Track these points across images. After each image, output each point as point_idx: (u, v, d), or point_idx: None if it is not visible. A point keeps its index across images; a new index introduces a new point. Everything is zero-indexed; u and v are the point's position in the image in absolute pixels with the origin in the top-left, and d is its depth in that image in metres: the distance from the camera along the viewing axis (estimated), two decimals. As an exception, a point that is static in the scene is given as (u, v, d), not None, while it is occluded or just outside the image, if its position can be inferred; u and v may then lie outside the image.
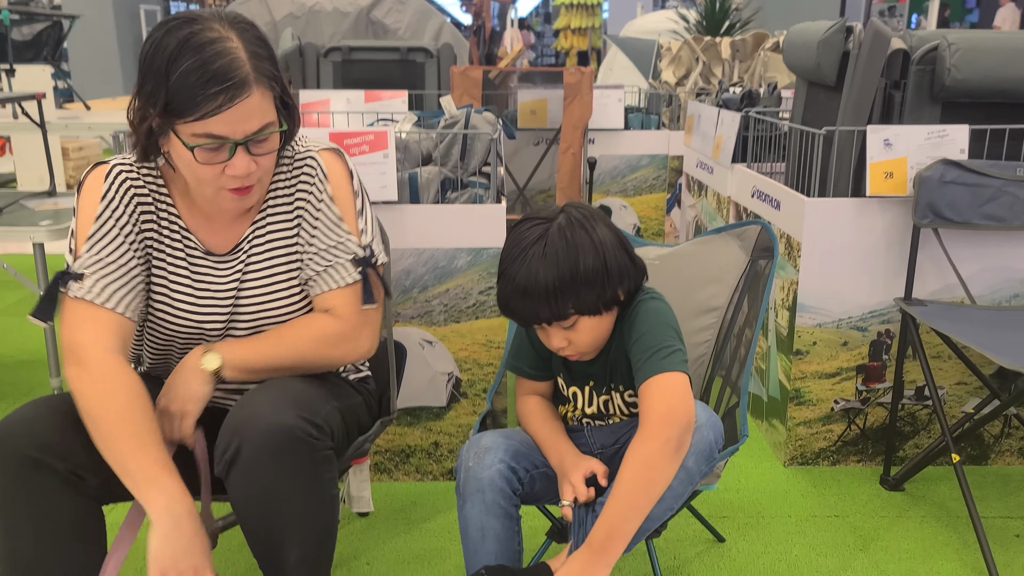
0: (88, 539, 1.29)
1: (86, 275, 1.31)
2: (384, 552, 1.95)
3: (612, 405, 1.54)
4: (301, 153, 1.45)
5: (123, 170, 1.37)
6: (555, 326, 1.41)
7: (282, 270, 1.44)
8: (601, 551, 1.30)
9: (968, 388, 2.32)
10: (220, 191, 1.31)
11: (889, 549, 1.96)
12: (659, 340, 1.37)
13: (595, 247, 1.38)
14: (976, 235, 2.20)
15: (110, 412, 1.25)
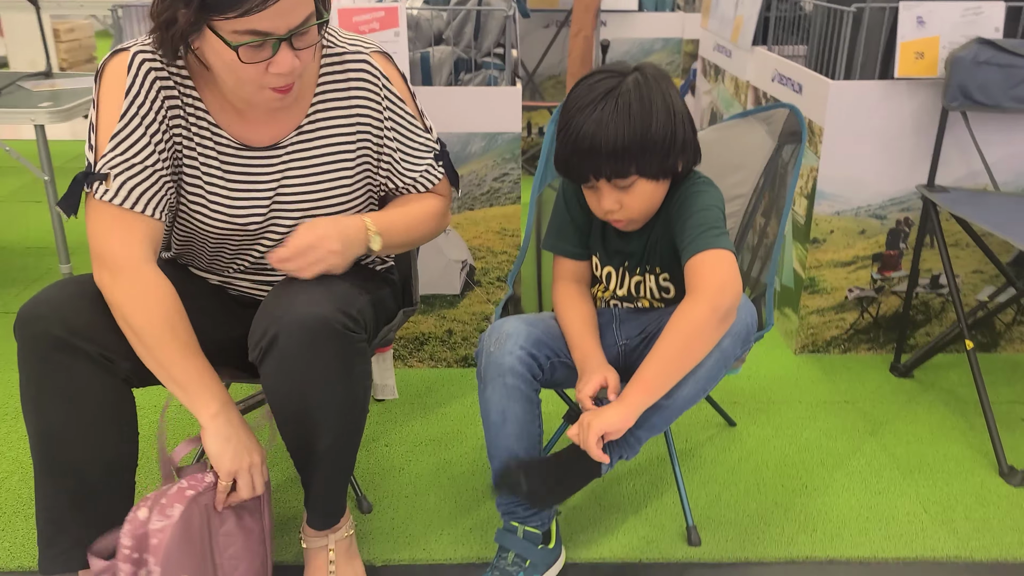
0: (119, 420, 1.30)
1: (111, 176, 1.26)
2: (402, 436, 1.98)
3: (644, 287, 1.53)
4: (350, 53, 1.39)
5: (146, 59, 1.28)
6: (612, 185, 1.37)
7: (332, 167, 1.40)
8: (631, 402, 1.31)
9: (983, 276, 2.31)
10: (261, 90, 1.24)
11: (898, 433, 2.00)
12: (712, 220, 1.36)
13: (668, 110, 1.35)
14: (1005, 119, 2.13)
15: (148, 324, 1.24)
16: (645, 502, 1.75)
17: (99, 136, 1.28)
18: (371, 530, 1.67)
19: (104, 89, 1.28)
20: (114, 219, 1.27)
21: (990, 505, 1.74)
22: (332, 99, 1.38)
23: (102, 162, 1.26)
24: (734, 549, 1.62)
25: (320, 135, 1.38)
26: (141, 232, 1.28)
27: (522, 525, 1.49)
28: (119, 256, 1.26)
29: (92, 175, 1.27)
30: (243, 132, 1.35)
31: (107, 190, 1.26)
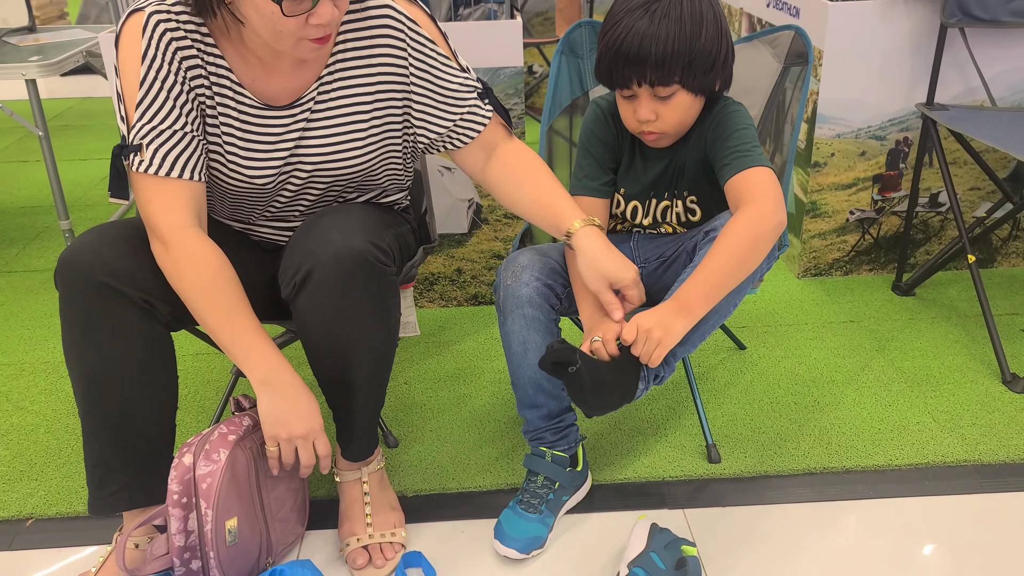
0: (162, 363, 1.32)
1: (143, 146, 1.25)
2: (420, 372, 2.01)
3: (671, 212, 1.53)
4: (373, 4, 1.35)
5: (160, 19, 1.25)
6: (652, 94, 1.37)
7: (352, 120, 1.37)
8: (687, 307, 1.29)
9: (981, 193, 2.34)
10: (300, 42, 1.21)
11: (904, 349, 2.05)
12: (752, 139, 1.38)
13: (716, 19, 1.36)
14: (1002, 34, 2.15)
15: (196, 289, 1.24)
16: (665, 425, 1.80)
17: (127, 105, 1.26)
18: (399, 463, 1.71)
19: (123, 55, 1.26)
20: (154, 189, 1.26)
21: (995, 411, 1.80)
22: (352, 50, 1.35)
23: (133, 133, 1.25)
24: (753, 464, 1.67)
25: (338, 86, 1.35)
26: (182, 198, 1.27)
27: (550, 450, 1.54)
28: (162, 225, 1.25)
29: (127, 148, 1.26)
30: (266, 89, 1.33)
31: (142, 160, 1.25)
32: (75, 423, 1.86)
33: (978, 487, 1.60)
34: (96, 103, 4.41)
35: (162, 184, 1.26)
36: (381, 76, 1.37)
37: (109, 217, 2.92)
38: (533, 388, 1.50)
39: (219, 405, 1.81)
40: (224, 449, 1.30)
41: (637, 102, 1.40)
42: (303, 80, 1.34)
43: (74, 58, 2.42)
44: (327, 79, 1.35)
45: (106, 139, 3.80)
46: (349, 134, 1.38)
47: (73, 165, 3.48)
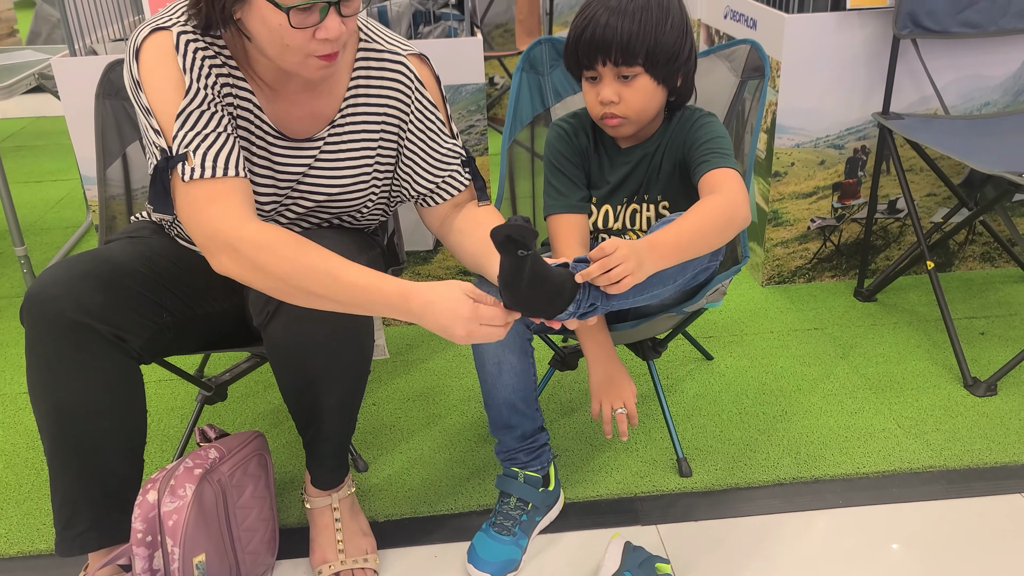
0: (131, 398, 1.29)
1: (190, 154, 1.21)
2: (389, 393, 2.00)
3: (640, 216, 1.55)
4: (388, 52, 1.38)
5: (190, 40, 1.23)
6: (615, 74, 1.41)
7: (354, 166, 1.39)
8: (658, 250, 1.27)
9: (937, 199, 2.39)
10: (307, 59, 1.20)
11: (867, 355, 2.08)
12: (728, 148, 1.44)
13: (683, 17, 1.43)
14: (952, 44, 2.19)
15: (301, 270, 1.17)
16: (635, 439, 1.80)
17: (161, 119, 1.22)
18: (370, 488, 1.69)
19: (149, 68, 1.22)
20: (209, 195, 1.21)
21: (958, 416, 1.83)
22: (364, 95, 1.37)
23: (176, 143, 1.21)
24: (724, 476, 1.68)
25: (348, 132, 1.37)
26: (239, 196, 1.22)
27: (522, 470, 1.53)
28: (226, 230, 1.19)
29: (172, 159, 1.21)
30: (280, 117, 1.33)
31: (192, 168, 1.20)
32: (35, 457, 1.81)
33: (944, 493, 1.62)
34: (49, 122, 4.33)
35: (217, 187, 1.21)
36: (385, 125, 1.40)
37: (65, 240, 2.86)
38: (508, 409, 1.49)
39: (184, 435, 1.78)
40: (190, 484, 1.27)
41: (601, 84, 1.43)
42: (316, 116, 1.35)
43: (25, 81, 2.37)
44: (339, 120, 1.36)
45: (61, 159, 3.73)
46: (350, 178, 1.39)
47: (27, 187, 3.40)
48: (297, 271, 1.18)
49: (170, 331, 1.35)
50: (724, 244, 1.39)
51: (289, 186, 1.37)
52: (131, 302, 1.27)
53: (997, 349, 2.07)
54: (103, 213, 1.67)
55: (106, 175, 1.66)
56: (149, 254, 1.36)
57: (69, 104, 1.97)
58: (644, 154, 1.52)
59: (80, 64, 1.94)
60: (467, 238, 1.41)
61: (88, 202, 2.06)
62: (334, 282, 1.18)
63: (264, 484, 1.46)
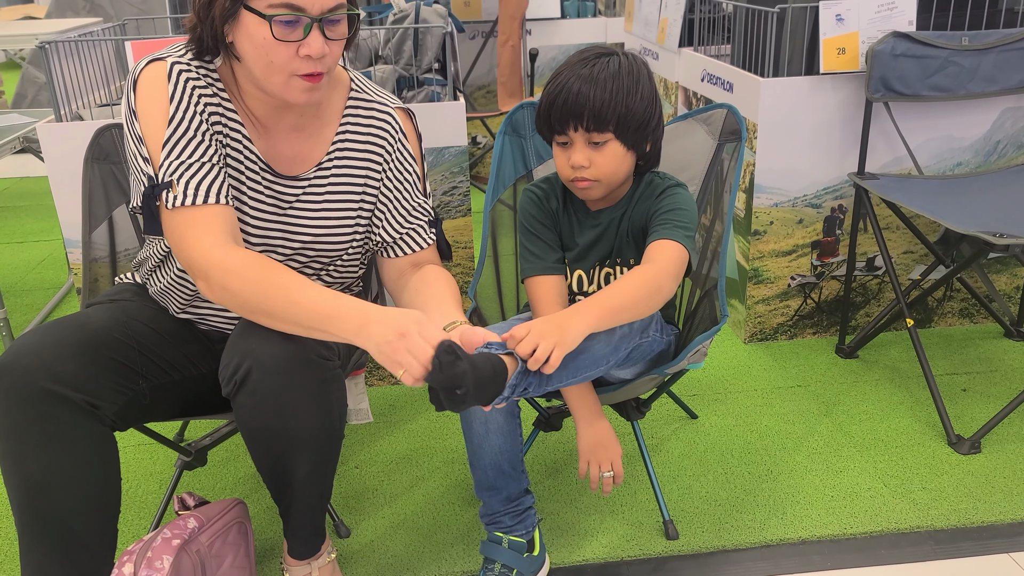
0: (104, 467, 1.27)
1: (174, 182, 1.24)
2: (371, 455, 1.97)
3: (613, 278, 1.57)
4: (377, 102, 1.43)
5: (182, 69, 1.28)
6: (587, 140, 1.44)
7: (336, 212, 1.41)
8: (585, 312, 1.29)
9: (914, 256, 2.42)
10: (291, 79, 1.24)
11: (850, 412, 2.08)
12: (687, 223, 1.47)
13: (651, 85, 1.47)
14: (923, 107, 2.25)
15: (271, 295, 1.20)
16: (620, 501, 1.79)
17: (151, 147, 1.26)
18: (352, 554, 1.66)
19: (144, 97, 1.26)
20: (189, 222, 1.25)
21: (943, 474, 1.83)
22: (351, 141, 1.41)
23: (162, 172, 1.25)
24: (710, 539, 1.66)
25: (333, 175, 1.40)
26: (215, 223, 1.25)
27: (506, 535, 1.51)
28: (198, 257, 1.23)
29: (158, 186, 1.25)
30: (269, 153, 1.36)
31: (175, 196, 1.24)
32: (7, 527, 1.76)
33: (932, 553, 1.61)
34: (33, 183, 4.33)
35: (197, 214, 1.25)
36: (369, 171, 1.43)
37: (46, 302, 2.84)
38: (493, 470, 1.48)
39: (162, 502, 1.75)
40: (168, 555, 1.25)
41: (572, 149, 1.46)
42: (304, 155, 1.38)
43: (10, 145, 2.38)
44: (326, 163, 1.39)
45: (44, 220, 3.72)
46: (332, 223, 1.41)
47: (9, 248, 3.39)
48: (263, 293, 1.20)
49: (145, 397, 1.34)
50: (651, 314, 1.41)
51: (277, 221, 1.38)
52: (105, 368, 1.26)
53: (979, 406, 2.08)
54: (86, 276, 1.66)
55: (91, 238, 1.66)
56: (126, 319, 1.35)
57: (54, 169, 1.98)
58: (612, 218, 1.55)
59: (66, 129, 1.95)
60: (417, 297, 1.40)
61: (71, 265, 2.06)
62: (294, 305, 1.19)
63: (244, 553, 1.44)
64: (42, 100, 4.93)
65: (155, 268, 1.44)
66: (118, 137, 1.69)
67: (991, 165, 2.34)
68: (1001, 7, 2.28)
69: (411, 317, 1.16)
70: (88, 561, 1.26)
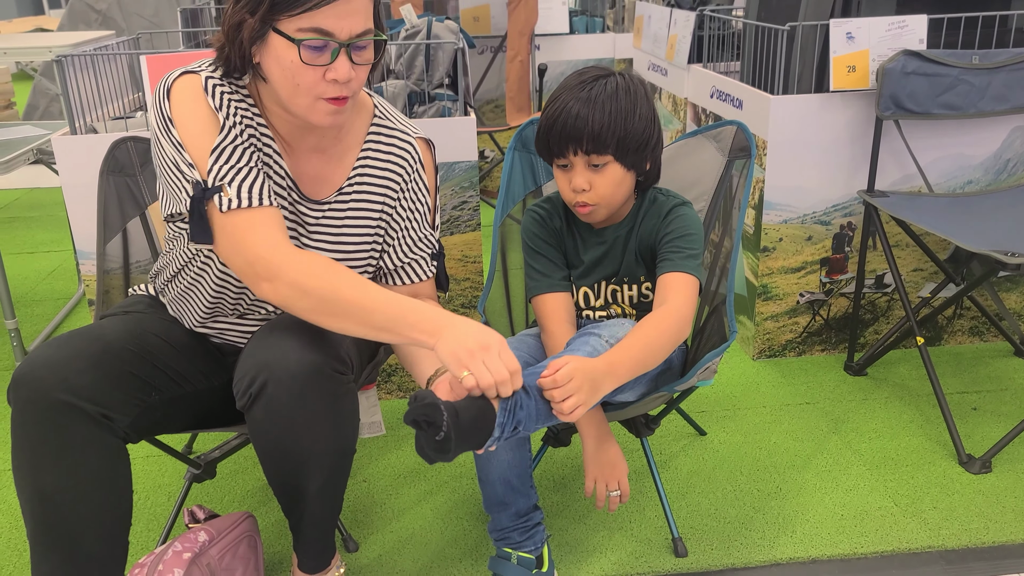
0: (117, 479, 1.27)
1: (225, 187, 1.25)
2: (379, 470, 1.97)
3: (622, 295, 1.58)
4: (399, 130, 1.45)
5: (217, 84, 1.29)
6: (587, 163, 1.45)
7: (355, 236, 1.42)
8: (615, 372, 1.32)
9: (924, 274, 2.42)
10: (316, 101, 1.25)
11: (859, 430, 2.08)
12: (695, 247, 1.48)
13: (649, 105, 1.47)
14: (933, 125, 2.25)
15: (345, 295, 1.22)
16: (629, 518, 1.78)
17: (194, 153, 1.27)
18: (360, 568, 1.66)
19: (180, 105, 1.27)
20: (248, 224, 1.26)
21: (955, 494, 1.82)
22: (372, 167, 1.42)
23: (211, 177, 1.26)
24: (720, 556, 1.66)
25: (353, 200, 1.41)
26: (275, 223, 1.27)
27: (515, 551, 1.51)
28: (265, 256, 1.24)
29: (209, 191, 1.26)
30: (295, 171, 1.37)
31: (229, 199, 1.25)
32: (17, 538, 1.77)
33: (943, 574, 1.60)
34: (44, 194, 4.36)
35: (252, 215, 1.26)
36: (386, 198, 1.44)
37: (56, 312, 2.85)
38: (503, 486, 1.48)
39: (171, 515, 1.75)
40: (179, 568, 1.25)
41: (572, 172, 1.47)
42: (321, 174, 1.39)
43: (24, 156, 2.40)
44: (347, 187, 1.40)
45: (55, 231, 3.74)
46: (357, 238, 1.42)
47: (20, 259, 3.41)
48: (337, 292, 1.23)
49: (158, 409, 1.34)
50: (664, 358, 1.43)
51: (296, 240, 1.39)
52: (119, 381, 1.27)
53: (990, 425, 2.08)
54: (100, 287, 1.67)
55: (105, 250, 1.67)
56: (140, 331, 1.36)
57: (68, 181, 1.99)
58: (617, 235, 1.56)
59: (80, 142, 1.97)
60: None
61: (82, 276, 2.07)
62: (369, 304, 1.23)
63: (254, 567, 1.44)
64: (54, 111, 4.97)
65: (173, 277, 1.45)
66: (134, 150, 1.70)
67: (1001, 183, 2.34)
68: (1011, 26, 2.29)
69: (497, 337, 1.20)
70: (99, 573, 1.27)
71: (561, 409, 1.24)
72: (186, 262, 1.40)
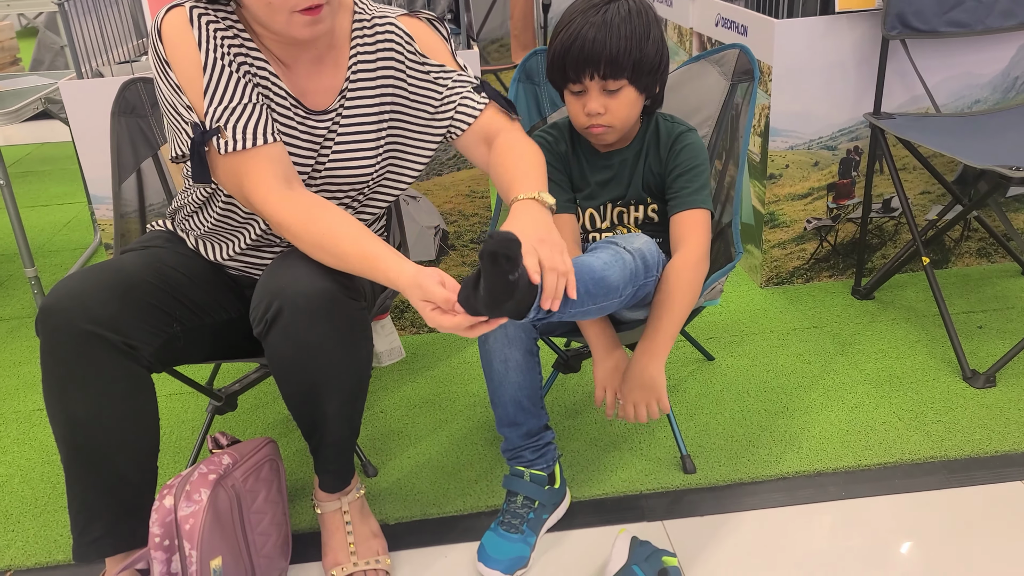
0: (144, 406, 1.32)
1: (222, 128, 1.27)
2: (395, 400, 2.03)
3: (627, 216, 1.61)
4: (377, 18, 1.42)
5: (201, 13, 1.29)
6: (601, 87, 1.46)
7: (366, 130, 1.42)
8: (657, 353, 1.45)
9: (931, 197, 2.42)
10: (291, 16, 1.24)
11: (866, 351, 2.11)
12: (702, 177, 1.53)
13: (659, 27, 1.49)
14: (941, 44, 2.23)
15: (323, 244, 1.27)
16: (639, 439, 1.83)
17: (191, 96, 1.28)
18: (379, 492, 1.72)
19: (173, 46, 1.28)
20: (246, 168, 1.28)
21: (958, 408, 1.86)
22: (363, 63, 1.40)
23: (208, 119, 1.28)
24: (727, 472, 1.71)
25: (357, 102, 1.40)
26: (271, 165, 1.29)
27: (528, 469, 1.56)
28: (260, 205, 1.29)
29: (207, 133, 1.28)
30: (297, 89, 1.37)
31: (226, 141, 1.27)
32: (51, 472, 1.84)
33: (946, 482, 1.65)
34: (55, 148, 4.39)
35: (248, 158, 1.28)
36: (383, 87, 1.42)
37: (74, 261, 2.91)
38: (514, 407, 1.53)
39: (196, 443, 1.81)
40: (205, 489, 1.30)
41: (587, 97, 1.48)
42: (326, 84, 1.39)
43: (32, 105, 2.42)
44: (348, 92, 1.40)
45: (67, 184, 3.78)
46: (364, 143, 1.42)
47: (35, 211, 3.45)
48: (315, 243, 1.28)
49: (179, 340, 1.39)
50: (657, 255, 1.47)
51: (313, 157, 1.39)
52: (141, 312, 1.31)
53: (995, 342, 2.10)
54: (118, 226, 1.71)
55: (121, 191, 1.70)
56: (159, 265, 1.40)
57: (78, 126, 2.02)
58: (623, 159, 1.58)
59: (88, 86, 1.99)
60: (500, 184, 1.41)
61: (97, 221, 2.10)
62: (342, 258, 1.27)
63: (276, 489, 1.49)
64: (59, 65, 4.97)
65: (193, 214, 1.48)
66: (144, 90, 1.72)
67: (1010, 102, 2.33)
68: (1020, -60, 2.25)
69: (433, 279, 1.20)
70: (130, 493, 1.33)
71: (638, 417, 1.46)
72: (206, 198, 1.43)
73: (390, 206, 1.72)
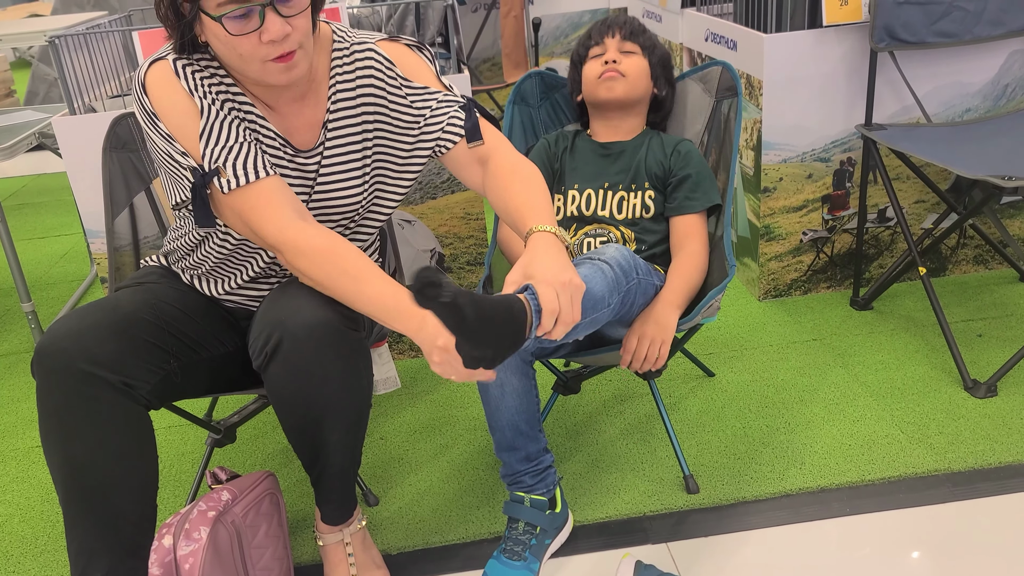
0: (141, 445, 1.31)
1: (222, 168, 1.28)
2: (394, 426, 2.02)
3: (627, 204, 1.72)
4: (355, 44, 1.42)
5: (185, 64, 1.30)
6: (620, 46, 1.75)
7: (350, 160, 1.41)
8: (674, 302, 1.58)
9: (925, 206, 2.42)
10: (265, 65, 1.25)
11: (865, 362, 2.10)
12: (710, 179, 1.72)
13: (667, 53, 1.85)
14: (929, 54, 2.24)
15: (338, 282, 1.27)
16: (641, 459, 1.82)
17: (185, 142, 1.29)
18: (381, 521, 1.71)
19: (159, 97, 1.29)
20: (251, 203, 1.28)
21: (960, 418, 1.85)
22: (344, 90, 1.40)
23: (206, 161, 1.28)
24: (731, 491, 1.70)
25: (339, 133, 1.40)
26: (277, 197, 1.29)
27: (528, 494, 1.55)
28: (268, 235, 1.28)
29: (207, 175, 1.28)
30: (283, 128, 1.38)
31: (227, 180, 1.28)
32: (50, 510, 1.83)
33: (951, 495, 1.64)
34: (50, 179, 4.39)
35: (252, 193, 1.28)
36: (365, 115, 1.42)
37: (71, 294, 2.90)
38: (511, 430, 1.52)
39: (195, 478, 1.80)
40: (204, 527, 1.29)
41: (606, 51, 1.75)
42: (309, 120, 1.39)
43: (27, 140, 2.42)
44: (329, 123, 1.40)
45: (64, 215, 3.78)
46: (350, 171, 1.42)
47: (31, 244, 3.45)
48: (330, 279, 1.28)
49: (177, 376, 1.38)
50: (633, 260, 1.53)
51: (305, 194, 1.40)
52: (138, 349, 1.31)
53: (995, 350, 2.09)
54: (111, 262, 1.71)
55: (114, 225, 1.70)
56: (154, 301, 1.39)
57: (71, 161, 2.02)
58: (623, 150, 1.77)
59: (80, 122, 1.99)
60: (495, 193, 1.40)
61: (92, 255, 2.10)
62: (360, 295, 1.27)
63: (277, 523, 1.48)
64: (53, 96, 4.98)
65: (187, 256, 1.48)
66: (134, 126, 1.72)
67: (1000, 109, 2.33)
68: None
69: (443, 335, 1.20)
70: (130, 532, 1.31)
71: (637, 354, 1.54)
72: (198, 242, 1.43)
73: (382, 230, 1.72)
